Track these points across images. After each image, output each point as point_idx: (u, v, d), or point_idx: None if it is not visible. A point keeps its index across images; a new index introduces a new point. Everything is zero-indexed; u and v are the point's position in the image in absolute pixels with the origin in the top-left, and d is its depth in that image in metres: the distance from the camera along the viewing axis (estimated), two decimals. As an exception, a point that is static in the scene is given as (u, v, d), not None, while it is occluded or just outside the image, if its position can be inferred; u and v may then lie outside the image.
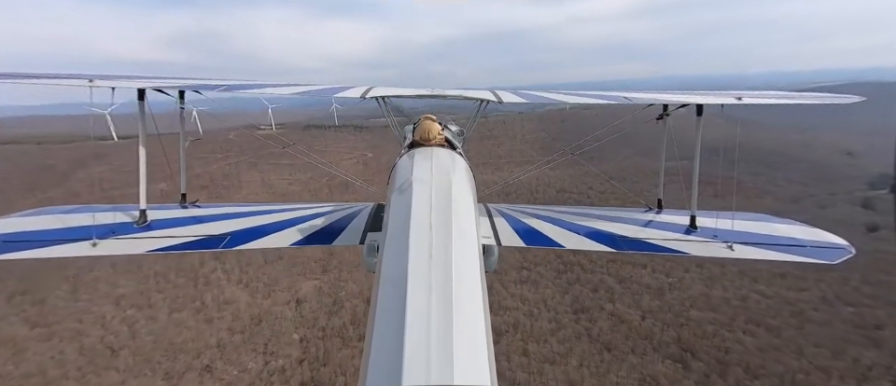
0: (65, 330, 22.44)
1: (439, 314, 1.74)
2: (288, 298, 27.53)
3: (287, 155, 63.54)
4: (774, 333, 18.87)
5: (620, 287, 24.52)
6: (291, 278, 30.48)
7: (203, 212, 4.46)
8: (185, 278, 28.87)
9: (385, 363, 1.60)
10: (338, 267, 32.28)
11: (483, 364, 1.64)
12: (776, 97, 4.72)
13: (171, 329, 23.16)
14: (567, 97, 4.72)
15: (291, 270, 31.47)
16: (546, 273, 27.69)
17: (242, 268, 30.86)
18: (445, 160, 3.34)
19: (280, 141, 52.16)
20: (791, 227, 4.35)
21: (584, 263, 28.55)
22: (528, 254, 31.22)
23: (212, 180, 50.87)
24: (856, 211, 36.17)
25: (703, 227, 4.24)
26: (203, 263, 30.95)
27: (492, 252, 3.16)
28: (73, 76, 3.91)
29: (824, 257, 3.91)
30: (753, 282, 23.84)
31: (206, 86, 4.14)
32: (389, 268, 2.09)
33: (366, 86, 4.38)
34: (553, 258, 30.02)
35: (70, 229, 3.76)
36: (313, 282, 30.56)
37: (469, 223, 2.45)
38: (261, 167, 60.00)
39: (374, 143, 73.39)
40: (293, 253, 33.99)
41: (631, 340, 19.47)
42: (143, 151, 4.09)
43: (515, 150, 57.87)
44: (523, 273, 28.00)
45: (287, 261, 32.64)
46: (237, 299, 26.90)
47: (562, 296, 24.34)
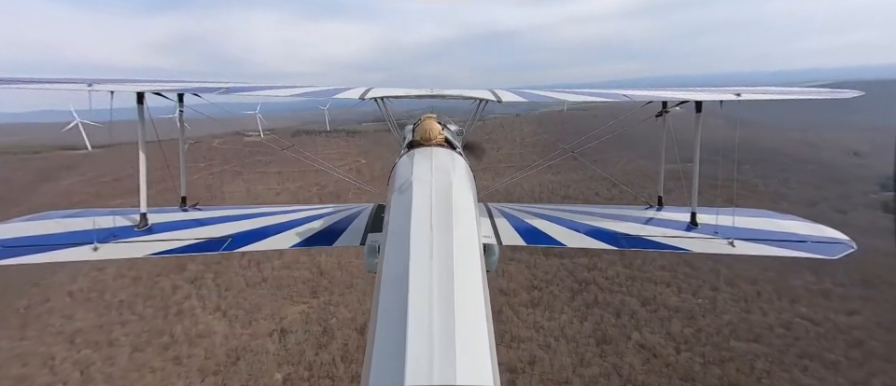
0: (3, 378, 19.02)
1: (440, 314, 1.74)
2: (272, 328, 24.39)
3: (275, 162, 60.66)
4: (834, 370, 16.36)
5: (644, 311, 21.87)
6: (276, 303, 27.34)
7: (203, 214, 4.47)
8: (154, 307, 25.57)
9: (388, 363, 1.60)
10: (328, 288, 29.23)
11: (485, 363, 1.65)
12: (774, 93, 4.64)
13: (131, 373, 19.90)
14: (566, 95, 4.65)
15: (276, 294, 28.33)
16: (559, 294, 24.96)
17: (220, 293, 27.64)
18: (445, 160, 3.37)
19: (267, 147, 49.36)
20: (792, 223, 4.37)
21: (600, 281, 25.95)
22: (538, 271, 28.54)
23: (190, 192, 47.21)
24: (877, 215, 34.26)
25: (704, 223, 4.26)
26: (175, 289, 27.69)
27: (493, 251, 2.94)
28: (72, 81, 3.89)
29: (825, 252, 3.91)
30: (793, 303, 21.42)
31: (206, 89, 4.17)
32: (390, 269, 2.10)
33: (365, 87, 4.35)
34: (564, 275, 27.38)
35: (71, 234, 3.74)
36: (300, 307, 27.46)
37: (470, 222, 2.48)
38: (247, 176, 56.64)
39: (367, 148, 70.23)
40: (279, 273, 30.90)
41: (669, 381, 16.75)
42: (143, 155, 4.06)
43: (515, 154, 55.47)
44: (534, 294, 25.25)
45: (271, 283, 29.52)
46: (212, 331, 23.68)
47: (581, 322, 21.61)
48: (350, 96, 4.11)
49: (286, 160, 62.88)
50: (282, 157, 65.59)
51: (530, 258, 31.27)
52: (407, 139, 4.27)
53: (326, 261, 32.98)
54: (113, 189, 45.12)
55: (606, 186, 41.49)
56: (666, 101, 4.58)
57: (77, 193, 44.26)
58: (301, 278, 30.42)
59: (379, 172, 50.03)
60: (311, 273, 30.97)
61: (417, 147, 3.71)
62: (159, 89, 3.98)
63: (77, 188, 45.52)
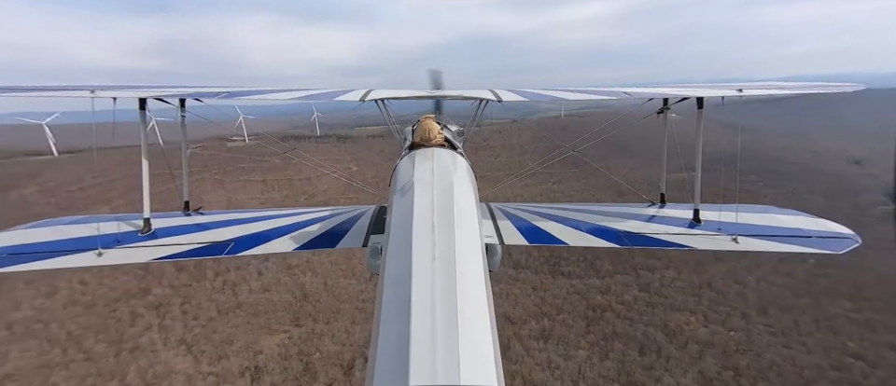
0: None
1: (443, 314, 1.74)
2: (243, 366, 21.12)
3: (260, 169, 57.00)
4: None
5: (672, 346, 19.27)
6: (251, 333, 24.05)
7: (206, 219, 4.49)
8: (106, 342, 22.07)
9: (391, 364, 1.61)
10: (312, 315, 26.05)
11: (488, 363, 1.65)
12: (776, 88, 4.59)
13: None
14: (566, 93, 4.60)
15: (252, 322, 25.04)
16: (573, 324, 22.24)
17: (186, 323, 24.23)
18: (446, 161, 3.39)
19: (253, 153, 46.99)
20: (796, 218, 4.38)
21: (617, 307, 23.34)
22: (547, 294, 25.84)
23: (163, 203, 43.63)
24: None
25: (707, 220, 4.29)
26: (134, 319, 24.21)
27: (495, 251, 3.12)
28: (74, 88, 3.96)
29: (830, 248, 3.92)
30: (835, 334, 19.06)
31: (207, 93, 4.16)
32: (393, 270, 2.10)
33: (364, 89, 4.33)
34: (576, 300, 24.73)
35: (74, 240, 3.76)
36: (278, 337, 24.23)
37: (472, 222, 2.48)
38: (229, 184, 53.03)
39: (359, 155, 66.99)
40: (256, 297, 27.59)
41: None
42: (145, 161, 4.07)
43: (514, 161, 53.03)
44: (544, 324, 22.49)
45: (247, 309, 26.21)
46: (173, 371, 20.31)
47: (600, 360, 18.88)
48: (350, 98, 4.11)
49: (271, 167, 59.45)
50: (267, 163, 62.23)
51: (536, 278, 28.61)
52: (408, 140, 4.31)
53: (310, 282, 29.77)
54: (75, 200, 41.16)
55: (611, 196, 39.19)
56: (667, 98, 4.52)
57: (35, 204, 40.15)
58: (282, 302, 27.18)
59: (371, 181, 46.99)
60: (293, 297, 27.76)
61: (418, 148, 3.72)
62: (160, 94, 3.99)
63: (36, 198, 41.43)
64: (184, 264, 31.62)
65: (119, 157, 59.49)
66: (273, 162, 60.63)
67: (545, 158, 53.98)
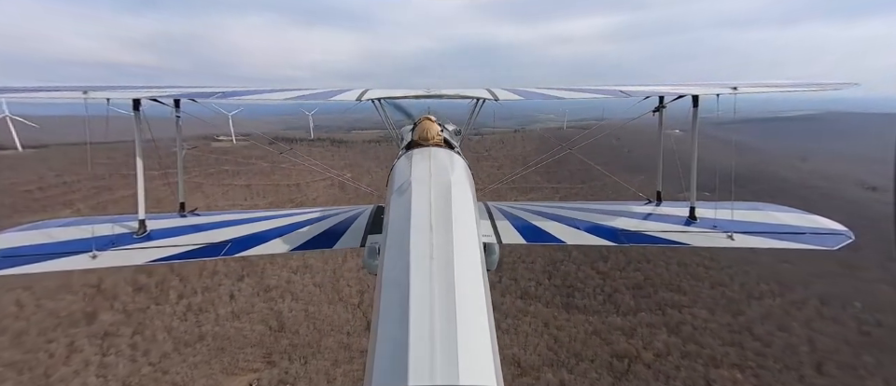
0: None
1: (441, 314, 1.74)
2: (197, 422, 17.19)
3: (244, 173, 52.98)
4: None
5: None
6: (211, 376, 20.13)
7: (202, 220, 4.47)
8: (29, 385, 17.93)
9: (390, 363, 1.61)
10: (288, 352, 22.21)
11: (487, 363, 1.65)
12: (771, 87, 4.59)
13: None
14: (563, 92, 4.62)
15: (214, 360, 21.13)
16: (598, 378, 18.76)
17: (134, 360, 20.23)
18: (444, 160, 3.36)
19: (239, 154, 43.63)
20: (790, 215, 4.41)
21: (646, 357, 19.96)
22: (562, 333, 22.37)
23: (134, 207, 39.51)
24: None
25: (702, 218, 4.32)
26: (71, 353, 20.16)
27: (493, 250, 3.03)
28: (67, 88, 3.92)
29: (824, 244, 3.97)
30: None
31: (202, 94, 4.13)
32: (391, 270, 2.10)
33: (361, 89, 4.31)
34: (597, 345, 21.30)
35: (69, 243, 3.76)
36: (246, 377, 20.38)
37: (470, 222, 2.47)
38: (208, 189, 48.86)
39: (354, 160, 63.09)
40: (224, 327, 23.68)
41: None
42: (140, 162, 4.05)
43: (517, 174, 49.72)
44: (562, 375, 18.98)
45: (211, 343, 22.30)
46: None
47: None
48: (347, 98, 4.12)
49: (257, 171, 55.57)
50: (254, 167, 58.26)
51: (547, 312, 25.16)
52: (405, 140, 4.29)
53: (289, 309, 25.95)
54: (30, 202, 36.84)
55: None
56: (663, 96, 4.57)
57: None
58: (254, 335, 23.32)
59: (365, 192, 43.30)
60: (267, 327, 23.91)
61: (416, 148, 3.73)
62: (154, 95, 3.97)
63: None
64: (143, 283, 27.76)
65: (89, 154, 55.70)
66: (260, 166, 56.83)
67: (554, 184, 51.12)
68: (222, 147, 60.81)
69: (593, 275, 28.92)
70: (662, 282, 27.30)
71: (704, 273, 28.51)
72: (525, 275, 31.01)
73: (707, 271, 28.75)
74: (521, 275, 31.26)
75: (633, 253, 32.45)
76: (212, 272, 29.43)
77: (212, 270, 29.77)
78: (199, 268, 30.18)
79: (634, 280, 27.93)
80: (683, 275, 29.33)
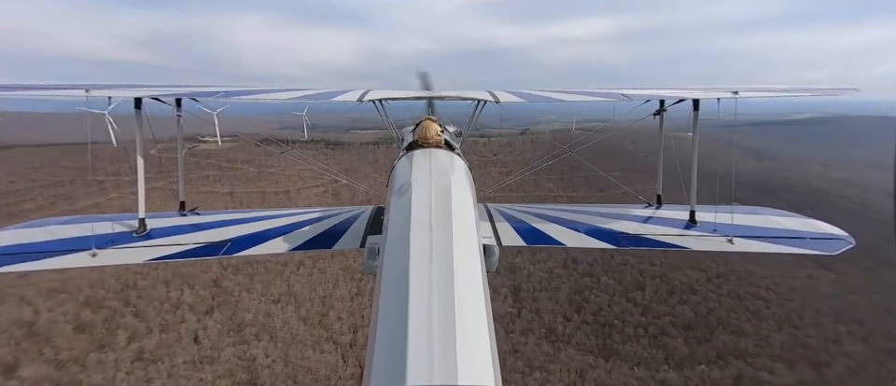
0: None
1: (441, 315, 1.74)
2: None
3: (226, 179, 47.88)
4: None
5: None
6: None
7: (202, 219, 4.47)
8: None
9: (389, 363, 1.61)
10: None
11: (486, 363, 1.66)
12: (771, 91, 4.68)
13: None
14: (563, 95, 4.66)
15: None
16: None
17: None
18: (444, 161, 3.42)
19: (224, 157, 41.01)
20: (791, 220, 4.44)
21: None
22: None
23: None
24: None
25: (702, 221, 4.35)
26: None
27: (492, 252, 3.16)
28: (69, 86, 3.92)
29: (824, 248, 3.99)
30: None
31: (203, 93, 4.18)
32: (390, 271, 2.11)
33: (362, 89, 4.35)
34: None
35: (69, 241, 3.77)
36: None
37: (470, 223, 2.49)
38: (186, 197, 43.79)
39: (351, 164, 57.97)
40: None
41: None
42: (140, 160, 4.05)
43: (529, 180, 45.63)
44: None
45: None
46: None
47: None
48: (348, 99, 4.12)
49: (242, 177, 50.60)
50: (239, 172, 53.15)
51: (581, 361, 20.54)
52: (406, 140, 4.30)
53: (264, 354, 21.15)
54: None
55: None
56: (664, 99, 4.64)
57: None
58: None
59: (362, 198, 38.53)
60: (233, 384, 19.09)
61: (416, 149, 3.75)
62: (156, 94, 4.00)
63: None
64: (87, 320, 23.05)
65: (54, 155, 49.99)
66: (245, 170, 51.91)
67: (569, 191, 46.51)
68: (206, 149, 55.81)
69: (631, 309, 24.35)
70: (717, 321, 22.73)
71: (764, 308, 23.99)
72: (548, 306, 26.43)
73: (766, 306, 24.22)
74: (543, 306, 26.66)
75: (675, 280, 28.00)
76: (175, 304, 24.71)
77: (175, 302, 25.05)
78: (160, 300, 25.49)
79: (682, 316, 23.33)
80: (739, 309, 24.85)
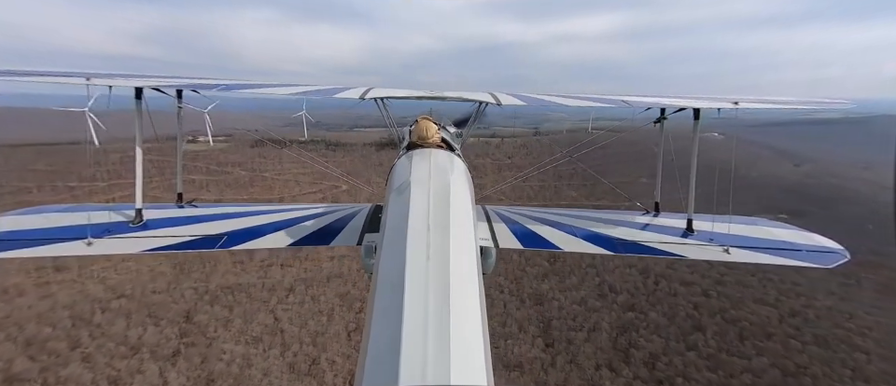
0: None
1: (436, 315, 1.75)
2: None
3: (214, 185, 42.71)
4: None
5: None
6: None
7: (199, 211, 4.48)
8: None
9: (382, 363, 1.61)
10: None
11: (479, 364, 1.66)
12: (771, 103, 4.75)
13: None
14: (565, 100, 4.69)
15: None
16: None
17: None
18: (443, 162, 3.38)
19: (214, 160, 35.79)
20: (787, 231, 4.43)
21: None
22: None
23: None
24: None
25: (699, 230, 4.34)
26: None
27: (489, 253, 3.22)
28: (69, 74, 3.93)
29: (820, 261, 4.00)
30: None
31: (204, 85, 4.14)
32: (387, 269, 2.12)
33: (364, 87, 4.32)
34: None
35: (65, 229, 3.77)
36: None
37: (467, 224, 2.49)
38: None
39: (354, 167, 52.29)
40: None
41: None
42: (139, 151, 4.06)
43: (548, 185, 40.92)
44: None
45: None
46: None
47: None
48: (350, 96, 4.07)
49: (232, 182, 46.11)
50: (230, 176, 48.65)
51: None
52: (405, 140, 4.32)
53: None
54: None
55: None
56: (664, 107, 4.66)
57: None
58: None
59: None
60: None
61: (415, 148, 3.73)
62: (157, 84, 3.98)
63: None
64: (17, 376, 19.08)
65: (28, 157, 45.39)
66: (236, 175, 47.49)
67: (592, 200, 41.45)
68: (194, 151, 51.18)
69: (694, 361, 19.64)
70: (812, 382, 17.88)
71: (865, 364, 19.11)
72: (587, 350, 21.83)
73: (868, 360, 19.32)
74: (580, 349, 22.03)
75: (742, 319, 23.22)
76: (134, 347, 20.58)
77: (134, 344, 20.92)
78: (117, 340, 21.39)
79: (764, 374, 18.45)
80: (834, 363, 20.08)
